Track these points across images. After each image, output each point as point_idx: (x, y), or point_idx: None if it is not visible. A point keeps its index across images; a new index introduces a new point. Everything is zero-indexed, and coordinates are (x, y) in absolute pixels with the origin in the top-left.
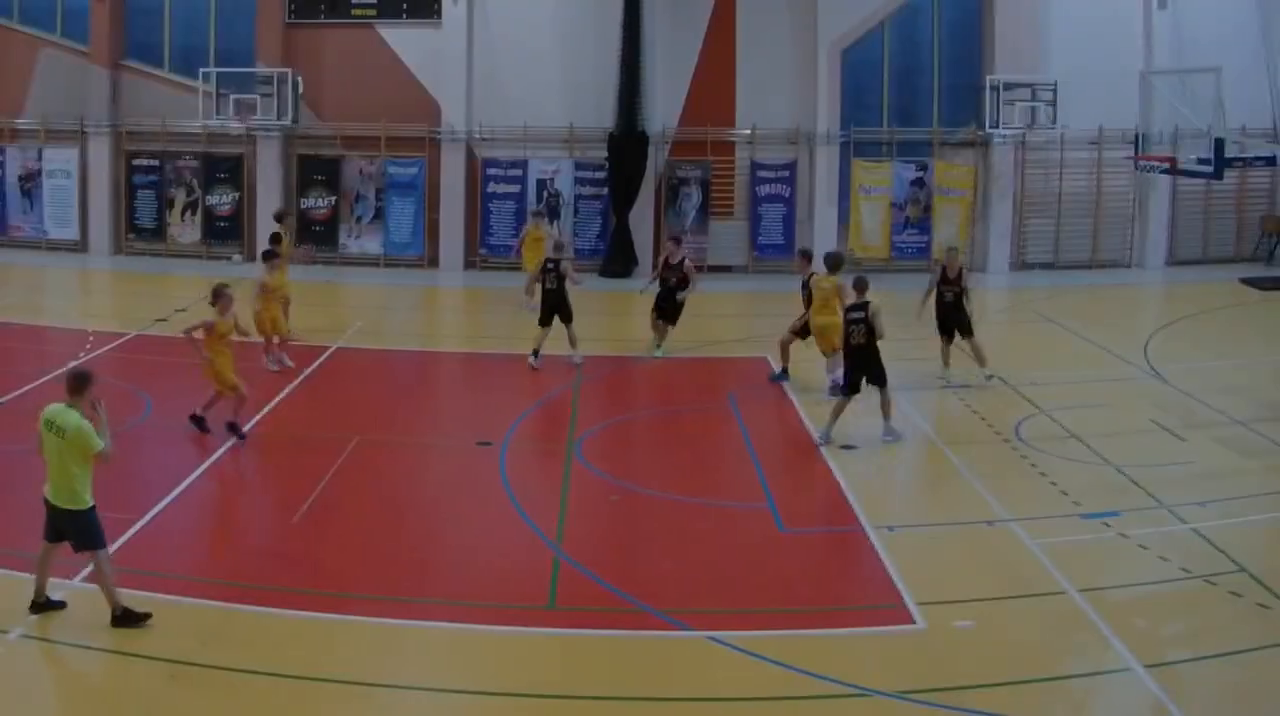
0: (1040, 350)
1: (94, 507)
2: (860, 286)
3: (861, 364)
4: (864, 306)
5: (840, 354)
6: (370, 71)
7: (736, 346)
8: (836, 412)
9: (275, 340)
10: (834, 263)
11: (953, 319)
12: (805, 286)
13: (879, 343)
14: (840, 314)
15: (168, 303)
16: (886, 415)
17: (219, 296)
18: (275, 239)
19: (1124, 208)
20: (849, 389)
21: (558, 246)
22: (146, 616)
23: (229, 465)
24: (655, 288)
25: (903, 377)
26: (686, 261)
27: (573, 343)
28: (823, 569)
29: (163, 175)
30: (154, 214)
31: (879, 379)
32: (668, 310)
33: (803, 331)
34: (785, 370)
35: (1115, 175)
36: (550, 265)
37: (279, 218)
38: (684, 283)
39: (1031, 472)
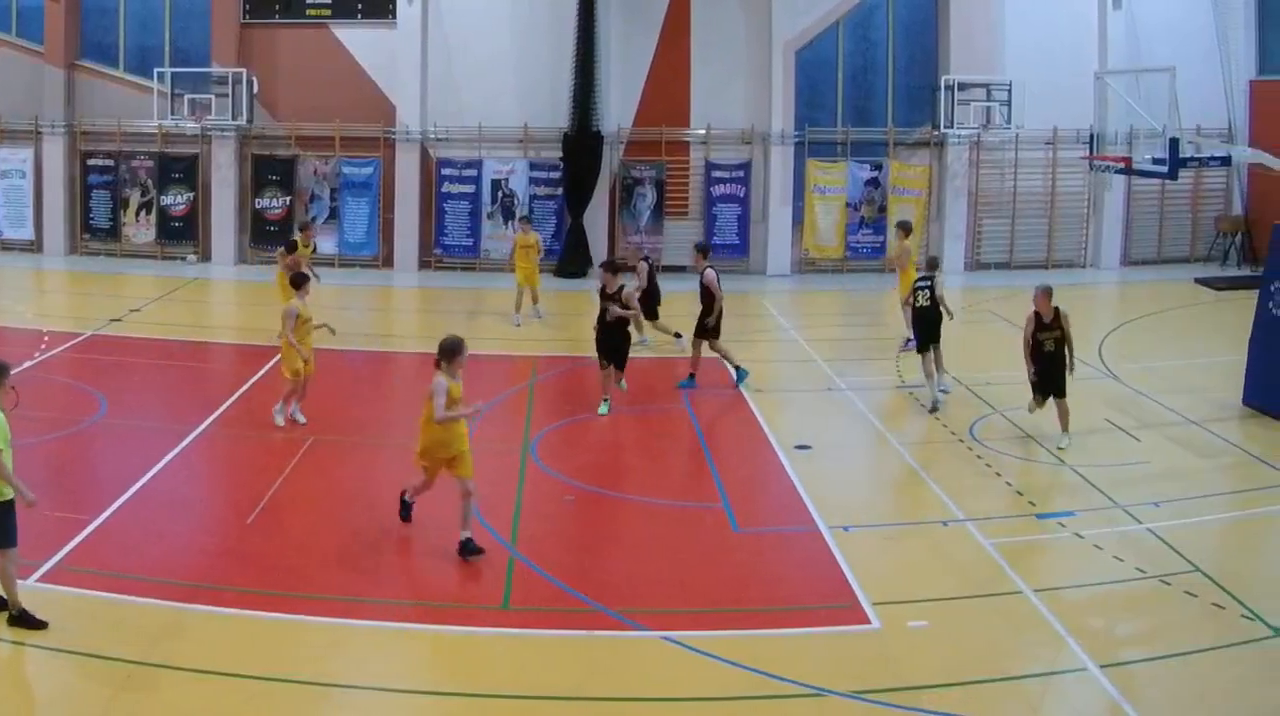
0: (995, 350)
1: (10, 502)
2: (932, 264)
3: (925, 325)
4: (932, 277)
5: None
6: (325, 71)
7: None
8: (927, 374)
9: (293, 386)
10: (907, 228)
11: (1054, 375)
12: (703, 283)
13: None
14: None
15: (122, 303)
16: (938, 371)
17: (454, 353)
18: (291, 248)
19: (1079, 208)
20: (919, 347)
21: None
22: (44, 624)
23: (183, 465)
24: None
25: (858, 378)
26: (626, 289)
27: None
28: (778, 569)
29: (117, 175)
30: (109, 214)
31: (934, 339)
32: (611, 350)
33: (701, 331)
34: (693, 376)
35: (1070, 175)
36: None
37: (303, 227)
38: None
39: (987, 472)
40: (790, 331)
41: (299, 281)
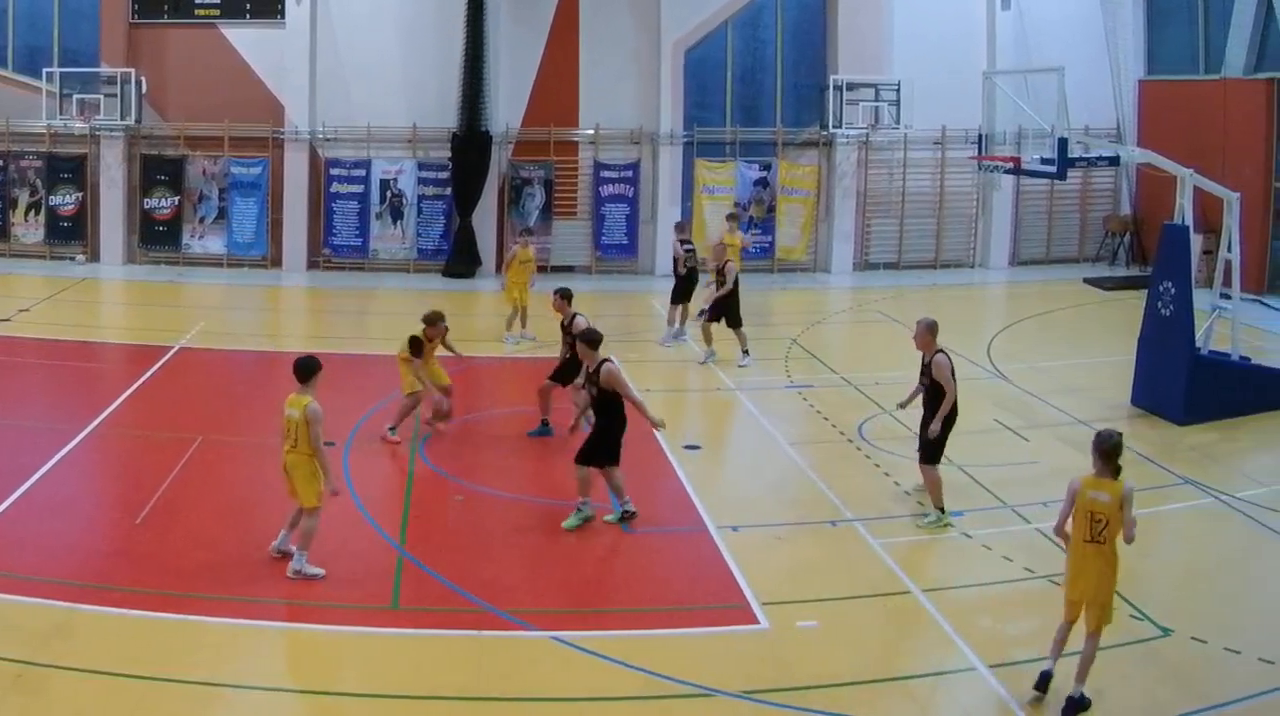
0: (883, 350)
1: None
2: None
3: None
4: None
5: None
6: (214, 71)
7: None
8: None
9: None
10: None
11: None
12: (566, 330)
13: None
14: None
15: (11, 303)
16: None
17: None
18: (416, 348)
19: (967, 208)
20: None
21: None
22: None
23: (72, 465)
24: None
25: (746, 378)
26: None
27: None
28: (666, 569)
29: (6, 175)
30: None
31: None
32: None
33: (561, 376)
34: (546, 422)
35: (959, 175)
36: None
37: (430, 321)
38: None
39: (875, 472)
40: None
41: (308, 371)
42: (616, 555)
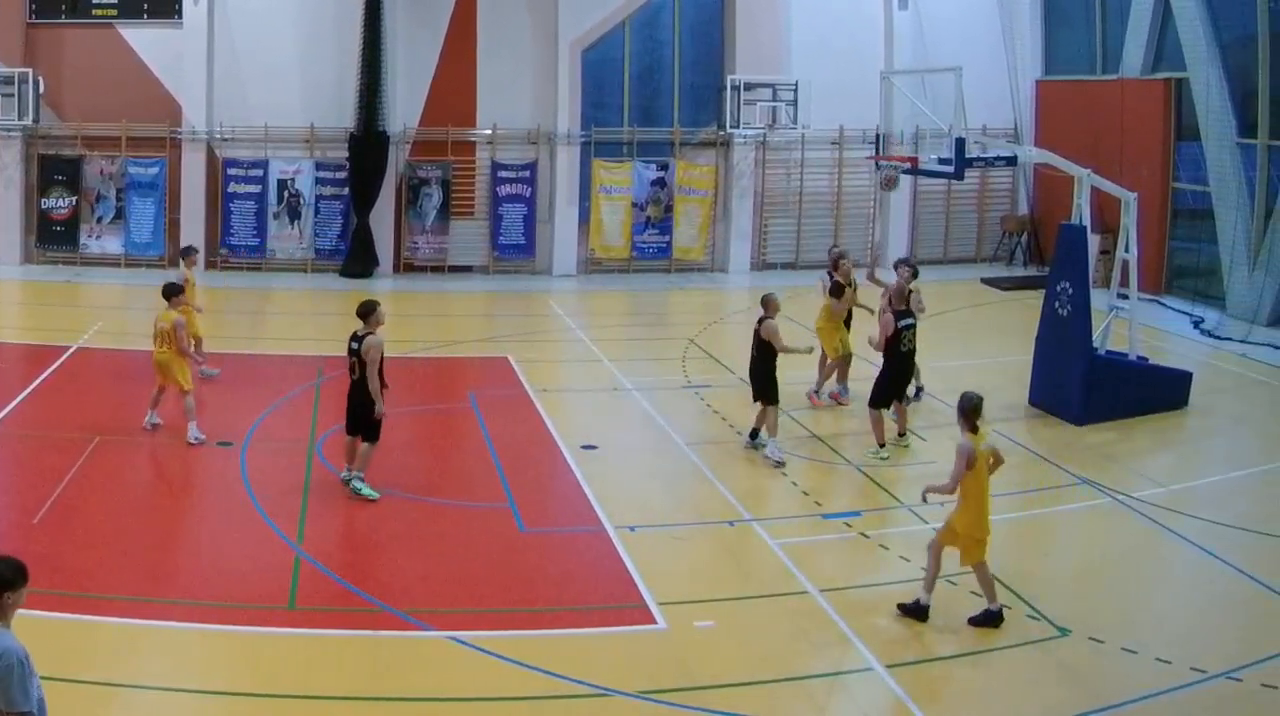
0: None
1: None
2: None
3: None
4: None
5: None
6: (111, 71)
7: (477, 346)
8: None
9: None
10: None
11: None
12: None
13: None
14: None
15: None
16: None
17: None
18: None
19: (865, 207)
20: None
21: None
22: None
23: None
24: None
25: (643, 378)
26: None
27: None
28: (564, 569)
29: None
30: None
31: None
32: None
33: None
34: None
35: (856, 175)
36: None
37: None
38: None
39: (773, 472)
40: (576, 331)
41: (169, 292)
42: (514, 555)
